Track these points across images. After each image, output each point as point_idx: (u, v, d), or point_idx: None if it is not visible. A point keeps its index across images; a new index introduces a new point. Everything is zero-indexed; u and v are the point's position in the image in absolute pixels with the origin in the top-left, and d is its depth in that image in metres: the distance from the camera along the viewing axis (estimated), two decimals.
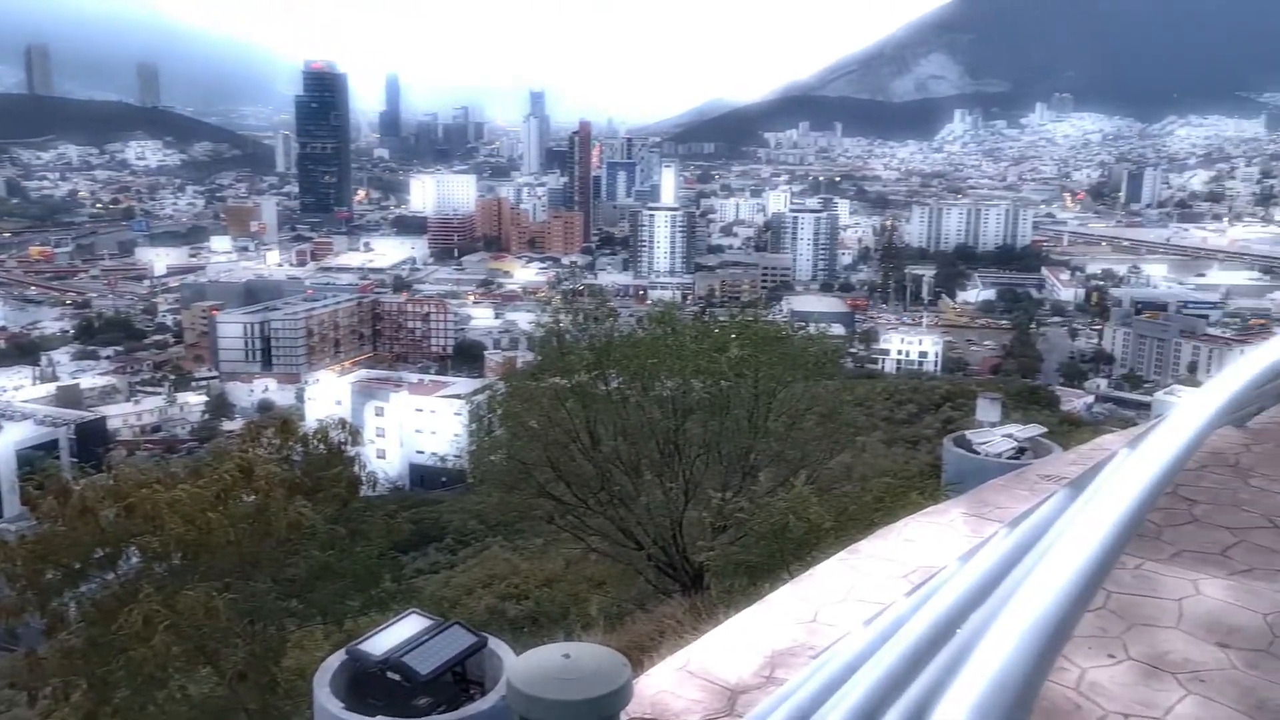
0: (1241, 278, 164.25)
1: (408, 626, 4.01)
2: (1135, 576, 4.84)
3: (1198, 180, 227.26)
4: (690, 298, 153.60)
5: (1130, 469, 2.65)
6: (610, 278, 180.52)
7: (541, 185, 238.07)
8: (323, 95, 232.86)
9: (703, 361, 12.85)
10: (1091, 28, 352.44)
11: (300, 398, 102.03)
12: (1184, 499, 5.86)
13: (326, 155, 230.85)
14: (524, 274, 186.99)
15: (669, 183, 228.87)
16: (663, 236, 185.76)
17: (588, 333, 14.36)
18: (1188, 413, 3.24)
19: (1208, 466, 6.44)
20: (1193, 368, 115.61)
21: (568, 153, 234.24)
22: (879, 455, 25.81)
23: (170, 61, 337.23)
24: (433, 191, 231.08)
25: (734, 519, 10.31)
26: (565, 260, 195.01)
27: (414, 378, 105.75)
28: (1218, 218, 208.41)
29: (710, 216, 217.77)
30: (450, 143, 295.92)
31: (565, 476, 13.07)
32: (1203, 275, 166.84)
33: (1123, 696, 3.79)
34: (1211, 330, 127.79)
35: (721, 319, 19.94)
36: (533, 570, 19.31)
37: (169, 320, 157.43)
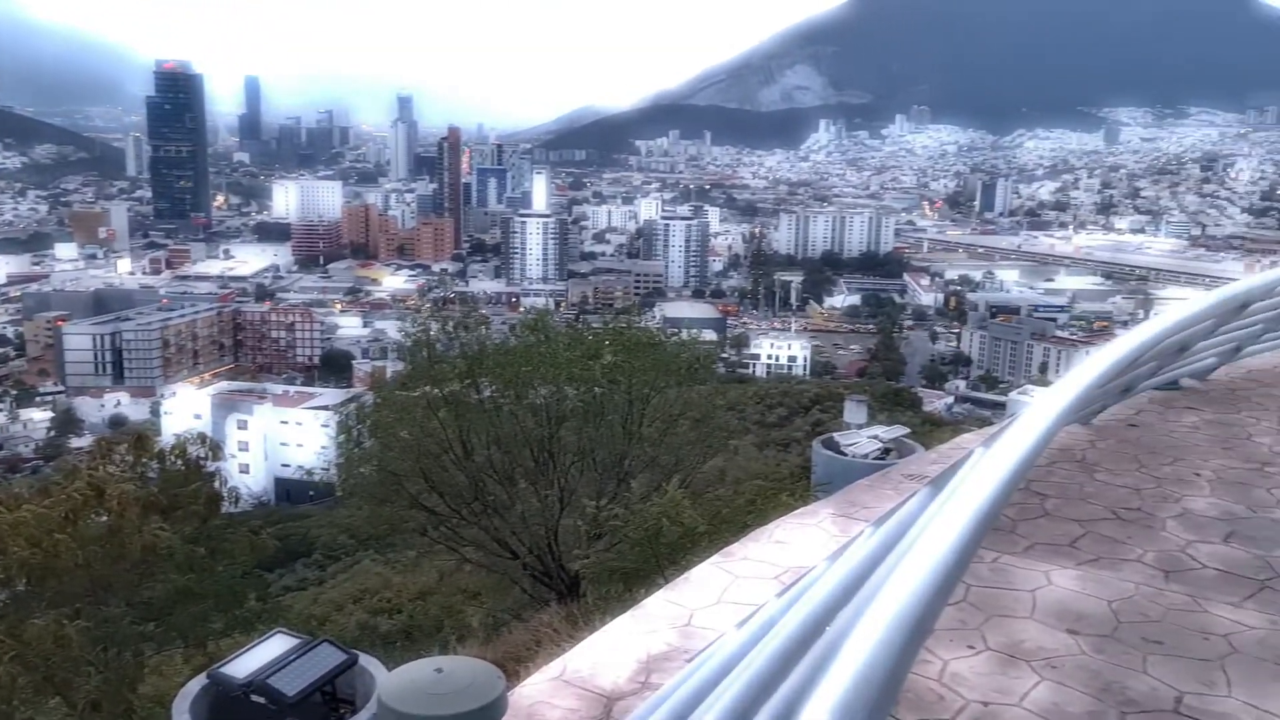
0: (1086, 282, 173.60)
1: (273, 647, 3.87)
2: (992, 570, 5.05)
3: (1045, 190, 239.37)
4: (563, 305, 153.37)
5: (985, 467, 2.77)
6: (482, 285, 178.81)
7: (410, 191, 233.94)
8: (177, 96, 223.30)
9: (576, 369, 12.81)
10: (946, 44, 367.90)
11: (156, 412, 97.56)
12: (1036, 494, 6.16)
13: (182, 159, 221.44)
14: (393, 282, 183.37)
15: (541, 189, 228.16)
16: (535, 243, 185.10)
17: (459, 341, 14.17)
18: (1036, 413, 3.40)
19: (1057, 462, 6.78)
20: (1044, 368, 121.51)
21: (437, 158, 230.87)
22: (751, 458, 26.28)
23: (7, 58, 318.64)
24: (296, 197, 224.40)
25: (609, 525, 10.31)
26: (435, 268, 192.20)
27: (279, 389, 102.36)
28: (1064, 226, 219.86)
29: (583, 223, 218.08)
30: (314, 147, 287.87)
31: (438, 487, 12.84)
32: (1051, 280, 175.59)
33: (982, 686, 3.95)
34: (1060, 332, 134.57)
35: (595, 326, 19.96)
36: (406, 584, 18.93)
37: (9, 332, 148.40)
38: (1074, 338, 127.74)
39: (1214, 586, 4.88)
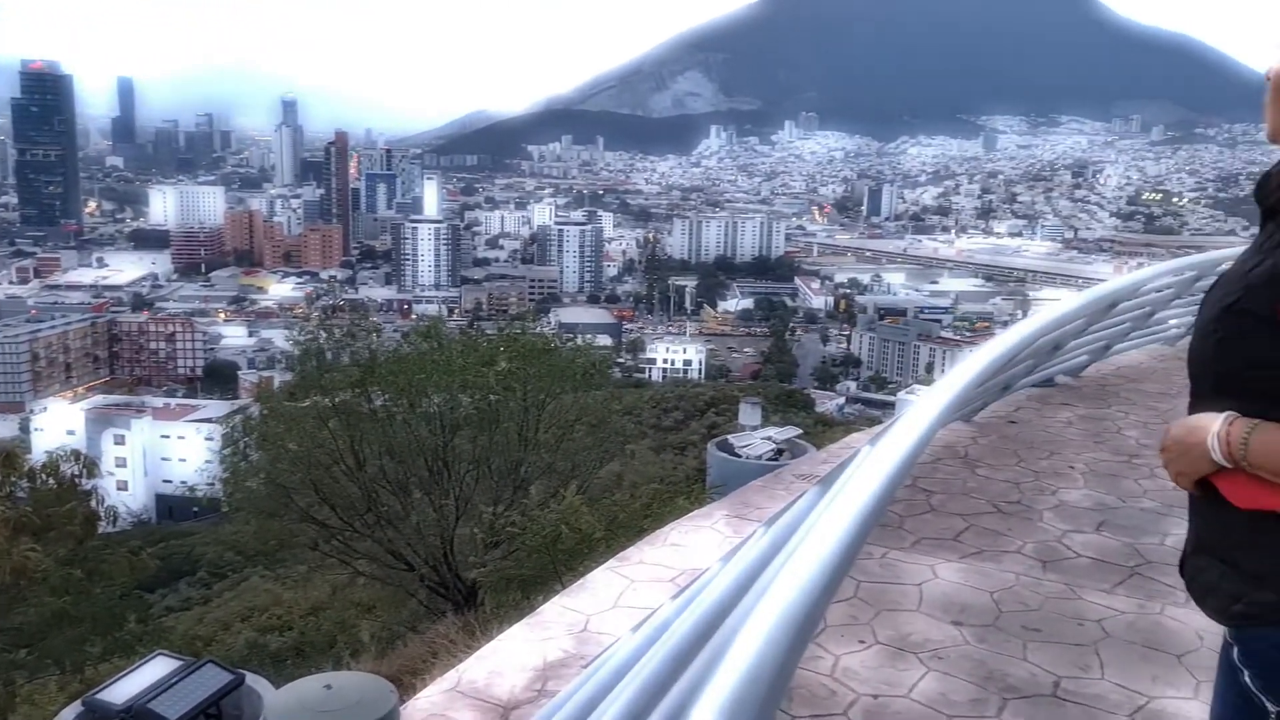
0: (968, 284, 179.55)
1: (154, 670, 3.72)
2: (881, 565, 5.19)
3: (928, 195, 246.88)
4: (457, 311, 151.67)
5: (869, 466, 2.84)
6: (372, 292, 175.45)
7: (296, 197, 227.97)
8: (44, 98, 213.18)
9: (470, 376, 12.69)
10: (831, 52, 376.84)
11: (25, 428, 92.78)
12: (922, 490, 6.35)
13: (50, 163, 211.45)
14: (279, 289, 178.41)
15: (432, 195, 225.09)
16: (427, 250, 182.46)
17: (350, 349, 13.89)
18: (918, 412, 3.50)
19: (942, 459, 7.00)
20: (930, 368, 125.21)
21: (324, 163, 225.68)
22: (648, 462, 26.37)
23: None
24: (175, 203, 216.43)
25: (506, 533, 10.24)
26: (324, 275, 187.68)
27: (159, 402, 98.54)
28: (946, 230, 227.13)
29: (475, 229, 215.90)
30: (194, 151, 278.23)
31: (329, 499, 12.55)
32: (935, 283, 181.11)
33: (872, 679, 4.05)
34: (945, 333, 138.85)
35: (489, 332, 19.80)
36: (296, 599, 18.43)
37: None
38: (958, 338, 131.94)
39: (1088, 574, 5.10)
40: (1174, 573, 5.18)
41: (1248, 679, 1.82)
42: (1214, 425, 1.79)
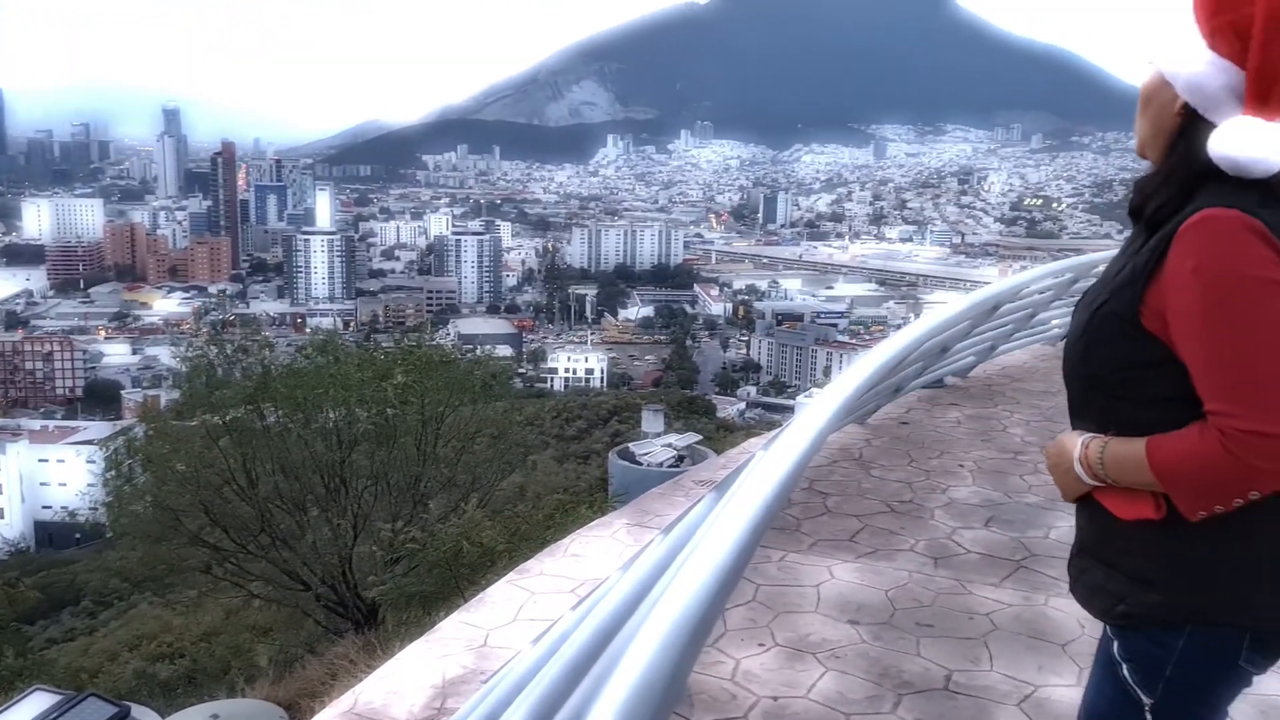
0: (862, 289, 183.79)
1: (32, 706, 3.56)
2: (779, 568, 5.26)
3: (822, 202, 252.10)
4: (353, 324, 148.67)
5: (762, 470, 2.87)
6: (265, 306, 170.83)
7: (182, 209, 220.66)
8: None
9: (367, 390, 12.44)
10: (725, 62, 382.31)
11: None
12: (819, 492, 6.46)
13: None
14: (165, 305, 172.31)
15: (324, 206, 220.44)
16: (320, 262, 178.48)
17: (240, 365, 13.48)
18: (810, 416, 3.56)
19: (837, 461, 7.14)
20: (827, 371, 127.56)
21: (210, 174, 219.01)
22: (551, 473, 26.21)
23: None
24: (50, 216, 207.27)
25: (406, 549, 10.06)
26: (213, 289, 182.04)
27: (36, 424, 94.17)
28: (840, 236, 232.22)
29: (370, 240, 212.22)
30: (70, 162, 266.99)
31: (221, 521, 12.14)
32: (831, 288, 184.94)
33: (772, 681, 4.11)
34: (841, 337, 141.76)
35: (386, 345, 19.45)
36: (188, 625, 17.74)
37: None
38: (853, 342, 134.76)
39: (977, 569, 5.26)
40: (1057, 565, 5.38)
41: (1126, 672, 1.90)
42: (1074, 450, 1.88)
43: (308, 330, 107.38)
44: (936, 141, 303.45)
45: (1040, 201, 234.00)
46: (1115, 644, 1.93)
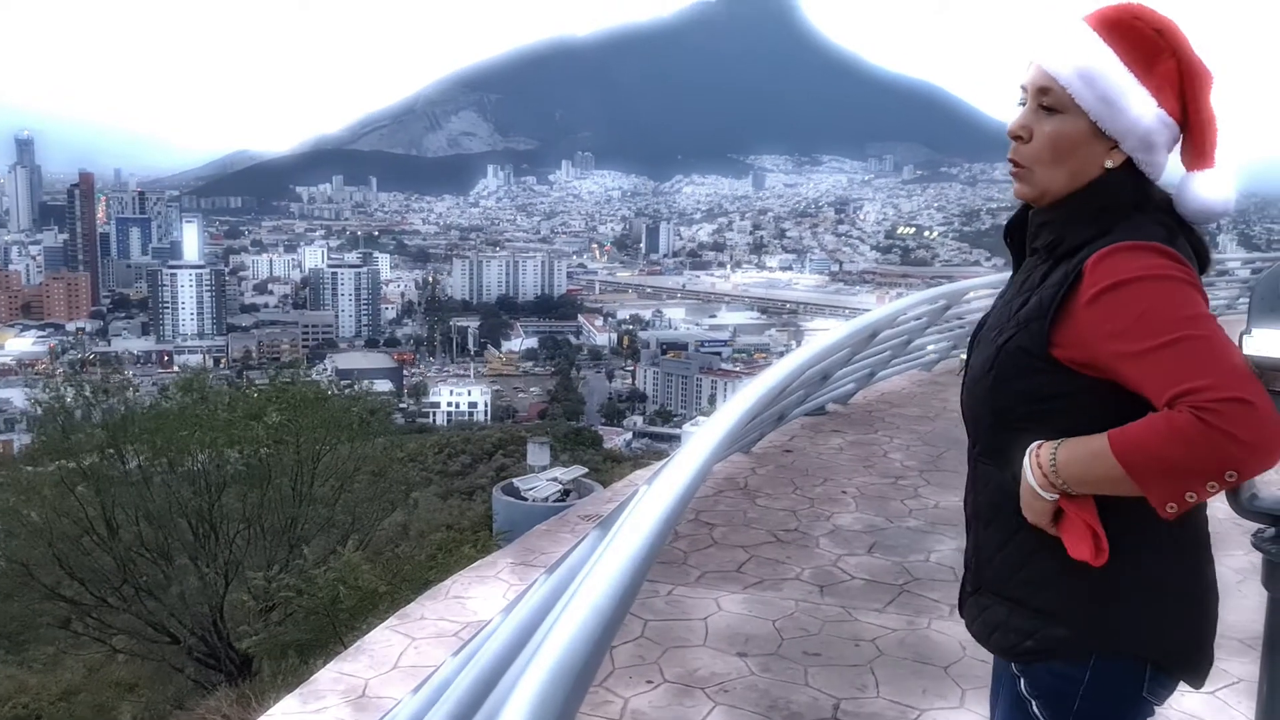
0: (744, 317, 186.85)
1: None
2: (667, 602, 5.19)
3: (704, 232, 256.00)
4: (224, 361, 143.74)
5: (645, 505, 2.80)
6: (128, 344, 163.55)
7: (36, 243, 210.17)
8: None
9: (237, 430, 11.97)
10: (604, 93, 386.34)
11: None
12: (705, 524, 6.42)
13: None
14: (18, 344, 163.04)
15: (192, 239, 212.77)
16: (188, 297, 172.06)
17: (100, 407, 12.82)
18: (693, 448, 3.51)
19: (723, 491, 7.12)
20: (712, 400, 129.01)
21: (67, 207, 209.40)
22: (434, 510, 25.66)
23: None
24: None
25: (281, 596, 9.66)
26: (70, 327, 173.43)
27: None
28: (722, 265, 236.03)
29: (242, 274, 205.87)
30: None
31: (79, 574, 11.48)
32: (714, 316, 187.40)
33: (661, 718, 4.02)
34: (725, 365, 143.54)
35: (260, 382, 18.80)
36: (45, 684, 16.68)
37: None
38: (737, 370, 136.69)
39: (862, 595, 5.29)
40: (939, 588, 5.43)
41: (1035, 709, 1.87)
42: (1026, 465, 1.78)
43: (175, 368, 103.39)
44: (813, 172, 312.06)
45: (913, 230, 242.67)
46: (1021, 680, 1.90)
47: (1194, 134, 1.78)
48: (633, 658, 4.54)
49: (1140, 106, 1.76)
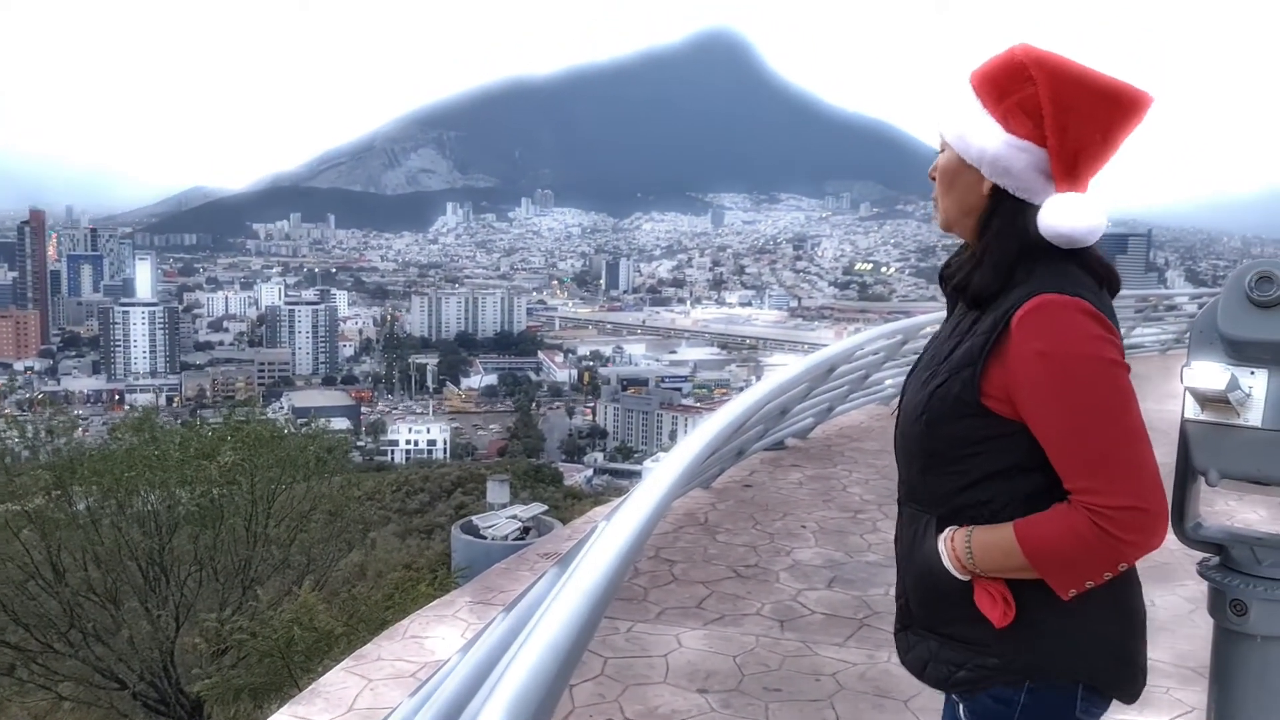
0: (704, 353, 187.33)
1: None
2: (627, 639, 5.15)
3: (663, 268, 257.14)
4: (177, 400, 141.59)
5: (604, 542, 2.79)
6: (78, 383, 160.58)
7: None
8: None
9: (190, 470, 11.76)
10: (563, 132, 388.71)
11: None
12: (665, 560, 6.40)
13: None
14: None
15: (145, 276, 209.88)
16: (141, 334, 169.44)
17: (46, 448, 12.54)
18: (651, 484, 3.50)
19: (683, 527, 7.11)
20: (673, 435, 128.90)
21: (17, 244, 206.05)
22: (392, 549, 25.34)
23: None
24: None
25: (234, 639, 9.46)
26: (19, 366, 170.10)
27: None
28: (682, 301, 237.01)
29: (196, 311, 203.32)
30: None
31: (24, 619, 11.17)
32: (674, 352, 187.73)
33: None
34: (686, 401, 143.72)
35: (213, 421, 18.53)
36: None
37: None
38: (698, 405, 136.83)
39: (822, 629, 5.28)
40: None
41: None
42: (940, 547, 1.88)
43: (126, 408, 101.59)
44: (771, 210, 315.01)
45: (870, 266, 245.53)
46: (961, 707, 1.95)
47: (1054, 157, 1.83)
48: (593, 695, 4.49)
49: (985, 132, 1.87)
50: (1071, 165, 1.82)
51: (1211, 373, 1.93)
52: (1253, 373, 1.91)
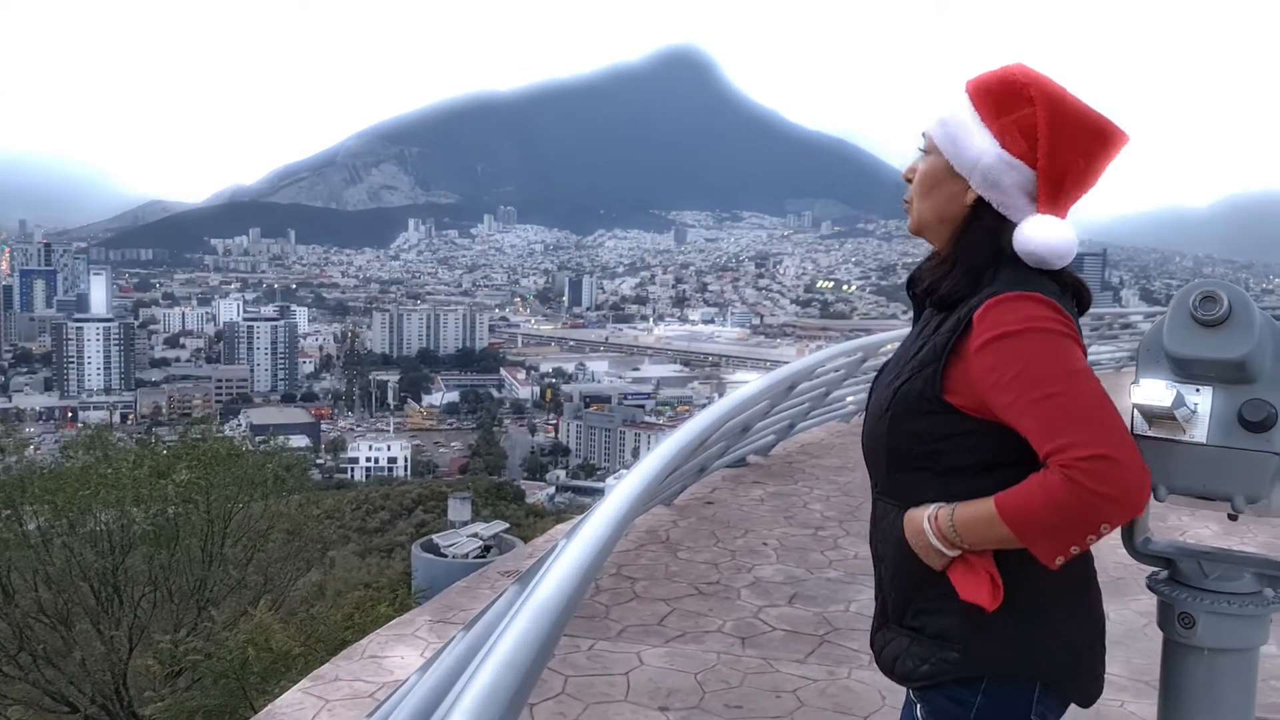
0: (667, 370, 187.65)
1: None
2: (589, 657, 5.13)
3: (626, 286, 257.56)
4: (132, 417, 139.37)
5: (563, 560, 2.78)
6: (30, 400, 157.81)
7: None
8: None
9: (144, 489, 11.57)
10: (526, 148, 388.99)
11: None
12: (627, 577, 6.38)
13: None
14: None
15: (100, 291, 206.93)
16: (95, 351, 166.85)
17: None
18: (611, 503, 3.50)
19: (645, 545, 7.09)
20: (635, 453, 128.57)
21: None
22: (352, 568, 25.08)
23: None
24: None
25: (188, 661, 9.30)
26: None
27: None
28: (645, 318, 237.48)
29: (152, 327, 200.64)
30: None
31: None
32: (637, 369, 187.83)
33: None
34: (648, 418, 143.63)
35: (169, 439, 18.26)
36: None
37: None
38: (660, 422, 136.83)
39: (783, 646, 5.29)
40: (858, 638, 5.47)
41: None
42: (925, 525, 1.90)
43: (79, 425, 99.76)
44: (734, 228, 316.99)
45: (832, 284, 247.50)
46: (919, 706, 1.98)
47: (1042, 179, 1.88)
48: (553, 714, 4.46)
49: (980, 145, 1.91)
50: (1057, 189, 1.88)
51: (1158, 390, 1.97)
52: (1198, 390, 1.96)
